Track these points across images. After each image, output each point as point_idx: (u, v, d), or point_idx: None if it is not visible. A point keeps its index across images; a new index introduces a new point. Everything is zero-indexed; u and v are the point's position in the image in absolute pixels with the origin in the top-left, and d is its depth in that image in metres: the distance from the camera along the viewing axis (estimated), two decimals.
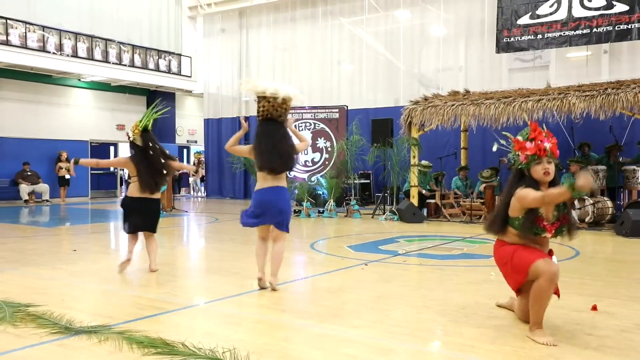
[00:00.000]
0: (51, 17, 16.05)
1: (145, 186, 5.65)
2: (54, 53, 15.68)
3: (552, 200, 3.36)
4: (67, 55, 15.98)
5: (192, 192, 21.63)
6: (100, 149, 19.72)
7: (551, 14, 11.76)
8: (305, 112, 13.68)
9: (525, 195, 3.45)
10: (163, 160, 5.78)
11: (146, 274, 5.83)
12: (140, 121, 5.77)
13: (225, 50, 19.60)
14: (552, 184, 3.57)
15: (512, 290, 3.80)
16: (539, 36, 11.89)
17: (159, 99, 6.97)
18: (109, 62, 17.04)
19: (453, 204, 11.58)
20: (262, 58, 18.73)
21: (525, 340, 3.48)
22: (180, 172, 20.04)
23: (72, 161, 6.05)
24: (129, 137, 5.79)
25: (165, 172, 5.79)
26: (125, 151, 21.21)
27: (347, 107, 13.91)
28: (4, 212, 13.41)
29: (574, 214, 9.65)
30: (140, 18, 18.86)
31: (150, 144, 5.71)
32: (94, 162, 6.52)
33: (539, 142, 3.53)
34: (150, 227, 5.81)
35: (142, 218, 5.75)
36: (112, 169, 20.45)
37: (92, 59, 16.58)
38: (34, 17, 15.59)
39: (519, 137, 3.63)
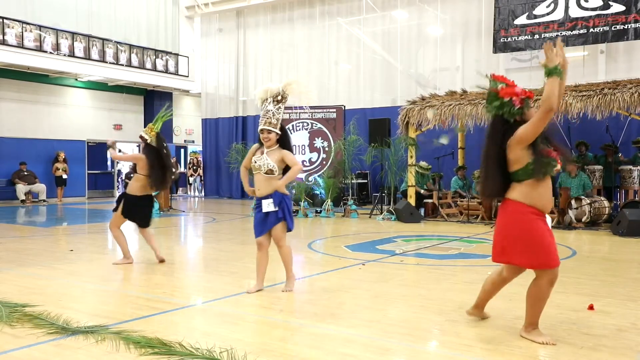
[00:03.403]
0: (48, 17, 16.02)
1: (157, 184, 6.15)
2: (50, 53, 15.64)
3: (550, 98, 3.08)
4: (64, 55, 15.95)
5: (190, 192, 21.63)
6: (98, 149, 19.68)
7: (548, 14, 11.79)
8: (302, 112, 13.67)
9: (525, 128, 3.21)
10: (172, 161, 6.51)
11: (144, 274, 5.83)
12: (154, 124, 6.18)
13: (222, 50, 19.59)
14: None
15: (494, 259, 3.51)
16: (536, 36, 11.92)
17: (168, 103, 7.35)
18: (106, 62, 17.01)
19: (450, 203, 11.60)
20: (260, 58, 18.73)
21: (522, 340, 3.48)
22: (177, 172, 20.06)
23: (111, 143, 6.77)
24: (144, 139, 6.14)
25: (173, 171, 6.51)
26: (124, 151, 21.19)
27: (344, 107, 13.91)
28: (0, 212, 13.38)
29: (571, 213, 9.71)
30: (138, 18, 18.83)
31: (164, 145, 6.23)
32: (118, 156, 7.50)
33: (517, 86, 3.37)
34: (149, 222, 6.38)
35: (145, 214, 6.31)
36: (109, 168, 20.42)
37: (89, 59, 16.55)
38: (30, 17, 15.55)
39: (498, 86, 3.37)
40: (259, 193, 4.72)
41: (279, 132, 4.73)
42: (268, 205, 4.65)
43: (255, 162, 4.72)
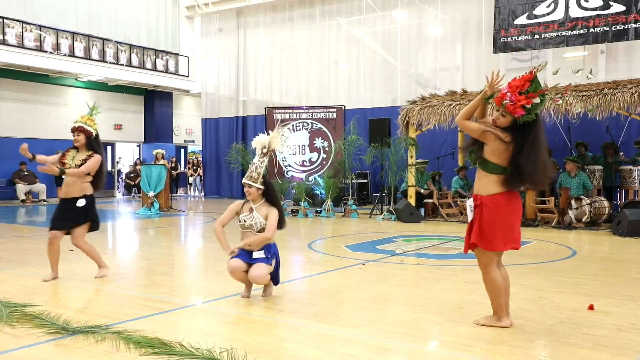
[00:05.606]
0: (48, 17, 16.03)
1: (103, 184, 5.44)
2: (51, 52, 15.65)
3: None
4: (64, 55, 15.95)
5: (190, 192, 21.64)
6: None
7: (548, 14, 11.79)
8: (302, 112, 13.68)
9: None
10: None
11: (144, 274, 5.83)
12: (90, 114, 5.61)
13: (222, 50, 19.60)
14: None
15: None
16: (536, 36, 11.91)
17: (95, 102, 6.13)
18: (106, 62, 17.02)
19: (451, 203, 11.60)
20: (260, 58, 18.73)
21: (522, 340, 3.48)
22: (177, 172, 20.06)
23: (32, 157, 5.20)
24: (88, 132, 5.43)
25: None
26: (124, 151, 21.20)
27: (344, 106, 13.92)
28: (1, 212, 13.39)
29: (571, 213, 9.70)
30: (138, 17, 18.84)
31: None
32: (77, 172, 5.21)
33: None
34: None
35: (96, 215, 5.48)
36: (109, 167, 20.41)
37: (90, 59, 16.56)
38: (31, 17, 15.56)
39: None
40: (250, 248, 4.52)
41: (261, 187, 4.53)
42: (259, 254, 4.49)
43: (246, 221, 4.56)
